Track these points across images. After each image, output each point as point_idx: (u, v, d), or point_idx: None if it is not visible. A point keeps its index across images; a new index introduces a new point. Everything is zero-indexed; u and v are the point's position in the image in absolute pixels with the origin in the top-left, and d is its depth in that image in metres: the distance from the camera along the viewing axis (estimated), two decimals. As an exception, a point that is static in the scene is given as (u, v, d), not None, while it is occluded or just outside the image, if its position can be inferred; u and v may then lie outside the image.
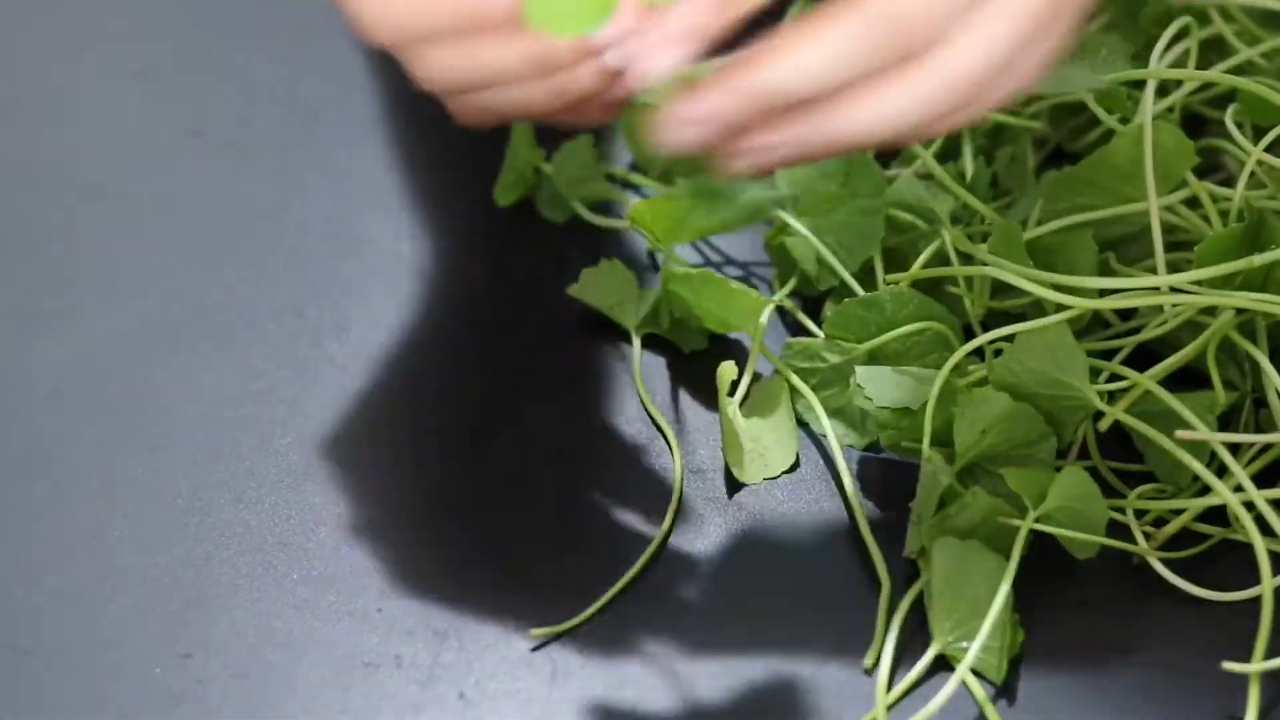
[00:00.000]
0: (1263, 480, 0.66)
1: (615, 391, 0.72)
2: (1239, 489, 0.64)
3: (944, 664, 0.62)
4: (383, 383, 0.73)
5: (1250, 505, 0.63)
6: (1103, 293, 0.66)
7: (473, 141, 0.82)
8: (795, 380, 0.70)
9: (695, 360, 0.73)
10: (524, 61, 0.57)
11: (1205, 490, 0.64)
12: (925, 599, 0.63)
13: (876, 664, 0.63)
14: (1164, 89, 0.74)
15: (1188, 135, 0.68)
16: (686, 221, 0.73)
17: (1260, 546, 0.62)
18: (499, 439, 0.70)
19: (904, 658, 0.63)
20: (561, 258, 0.77)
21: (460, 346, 0.74)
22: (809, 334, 0.73)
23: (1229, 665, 0.61)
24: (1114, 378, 0.67)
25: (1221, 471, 0.65)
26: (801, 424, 0.70)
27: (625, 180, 0.80)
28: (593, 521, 0.68)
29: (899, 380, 0.67)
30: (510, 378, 0.73)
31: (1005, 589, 0.61)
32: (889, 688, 0.62)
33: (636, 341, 0.73)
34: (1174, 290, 0.66)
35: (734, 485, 0.69)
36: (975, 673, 0.62)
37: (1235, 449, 0.66)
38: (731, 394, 0.70)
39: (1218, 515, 0.66)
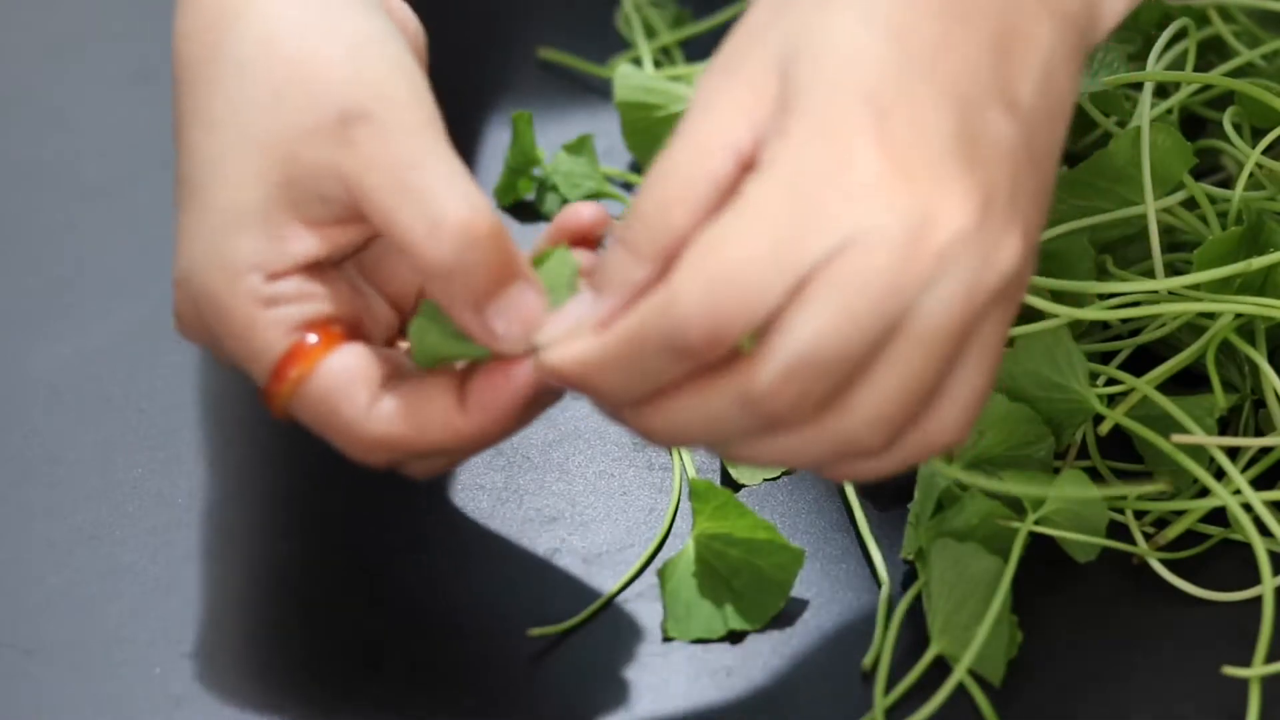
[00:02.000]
0: (1263, 482, 0.66)
1: (615, 392, 0.72)
2: (1238, 490, 0.64)
3: (943, 665, 0.62)
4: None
5: (1250, 506, 0.63)
6: (1102, 296, 0.66)
7: (473, 142, 0.82)
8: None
9: (695, 361, 0.73)
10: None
11: (1206, 491, 0.65)
12: (924, 600, 0.63)
13: (876, 664, 0.63)
14: (1163, 90, 0.74)
15: (1187, 136, 0.68)
16: None
17: (1260, 548, 0.62)
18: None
19: (903, 658, 0.63)
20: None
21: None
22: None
23: (1229, 670, 0.61)
24: (1114, 380, 0.67)
25: (1221, 473, 0.65)
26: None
27: (625, 180, 0.80)
28: (592, 521, 0.68)
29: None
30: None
31: (1003, 590, 0.61)
32: (888, 689, 0.62)
33: (636, 342, 0.73)
34: (1172, 294, 0.66)
35: (734, 485, 0.69)
36: (974, 674, 0.62)
37: (1235, 450, 0.66)
38: None
39: (1218, 515, 0.66)
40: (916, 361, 0.50)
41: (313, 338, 0.57)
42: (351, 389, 0.57)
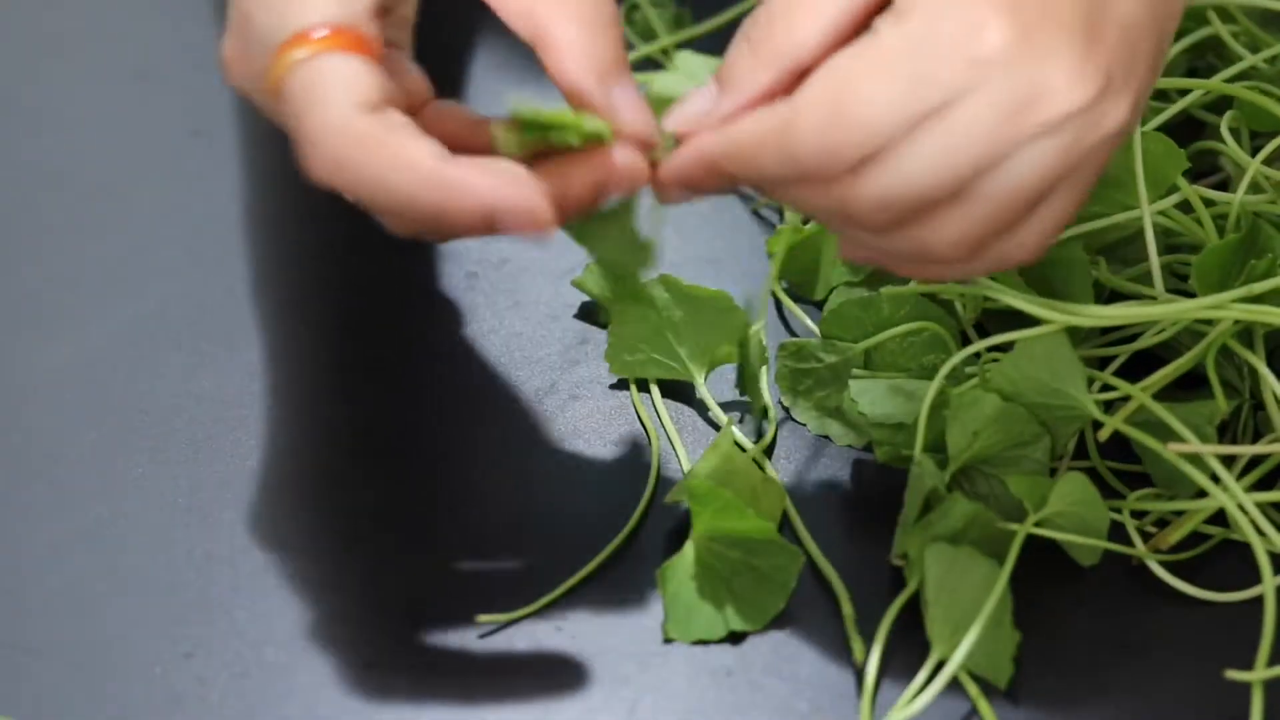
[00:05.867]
0: (1263, 485, 0.66)
1: (614, 391, 0.72)
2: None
3: (943, 665, 0.63)
4: (380, 380, 0.73)
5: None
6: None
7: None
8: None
9: (694, 361, 0.73)
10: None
11: (1205, 492, 0.64)
12: (922, 604, 0.63)
13: (874, 664, 0.63)
14: (1161, 92, 0.74)
15: (1185, 137, 0.68)
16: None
17: (1259, 548, 0.62)
18: (498, 436, 0.71)
19: (903, 659, 0.63)
20: (561, 257, 0.78)
21: (460, 343, 0.74)
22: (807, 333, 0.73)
23: (1232, 674, 0.61)
24: (1110, 385, 0.67)
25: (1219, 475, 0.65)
26: (800, 425, 0.70)
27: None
28: (590, 521, 0.68)
29: (893, 392, 0.67)
30: (510, 375, 0.73)
31: (1002, 593, 0.61)
32: (888, 690, 0.62)
33: (635, 342, 0.74)
34: (1170, 302, 0.66)
35: (733, 487, 0.69)
36: (973, 675, 0.62)
37: (1233, 454, 0.66)
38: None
39: (1217, 515, 0.66)
40: (1004, 202, 0.54)
41: (323, 30, 0.57)
42: (334, 92, 0.57)
